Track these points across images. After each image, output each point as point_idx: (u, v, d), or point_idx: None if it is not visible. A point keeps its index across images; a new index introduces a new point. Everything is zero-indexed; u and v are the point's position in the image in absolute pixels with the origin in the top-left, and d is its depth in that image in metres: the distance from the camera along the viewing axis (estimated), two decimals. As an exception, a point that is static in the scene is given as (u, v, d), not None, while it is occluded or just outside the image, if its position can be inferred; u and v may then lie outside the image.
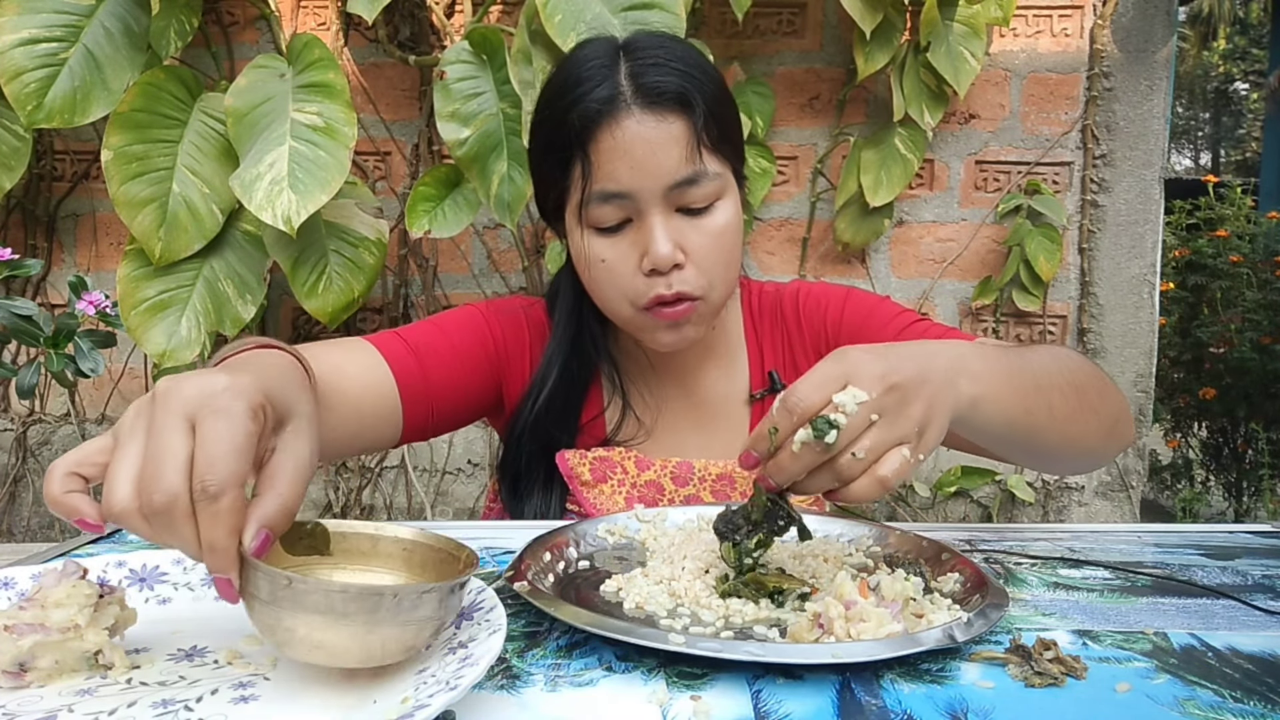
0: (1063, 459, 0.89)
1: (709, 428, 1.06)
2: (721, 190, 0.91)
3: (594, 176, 0.89)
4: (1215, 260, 3.40)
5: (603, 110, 0.88)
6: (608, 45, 0.93)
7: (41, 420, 2.22)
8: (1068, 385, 0.82)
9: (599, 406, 1.05)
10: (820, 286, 1.10)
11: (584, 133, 0.89)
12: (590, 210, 0.90)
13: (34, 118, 1.63)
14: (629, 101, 0.88)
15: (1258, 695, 0.53)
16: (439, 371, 0.98)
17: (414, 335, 1.00)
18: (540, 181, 0.98)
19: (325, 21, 2.10)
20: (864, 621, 0.60)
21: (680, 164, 0.88)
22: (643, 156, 0.87)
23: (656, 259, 0.88)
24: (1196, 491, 3.41)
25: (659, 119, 0.88)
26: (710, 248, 0.91)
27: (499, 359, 1.05)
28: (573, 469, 1.01)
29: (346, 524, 0.61)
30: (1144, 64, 2.07)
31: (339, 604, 0.48)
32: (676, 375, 1.06)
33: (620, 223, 0.91)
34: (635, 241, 0.90)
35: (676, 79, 0.89)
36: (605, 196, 0.89)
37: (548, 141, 0.94)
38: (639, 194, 0.88)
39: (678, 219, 0.90)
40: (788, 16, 2.10)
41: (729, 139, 0.93)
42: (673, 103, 0.88)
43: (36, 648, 0.54)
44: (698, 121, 0.89)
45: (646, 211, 0.89)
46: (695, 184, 0.89)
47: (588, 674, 0.56)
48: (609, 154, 0.88)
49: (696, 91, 0.89)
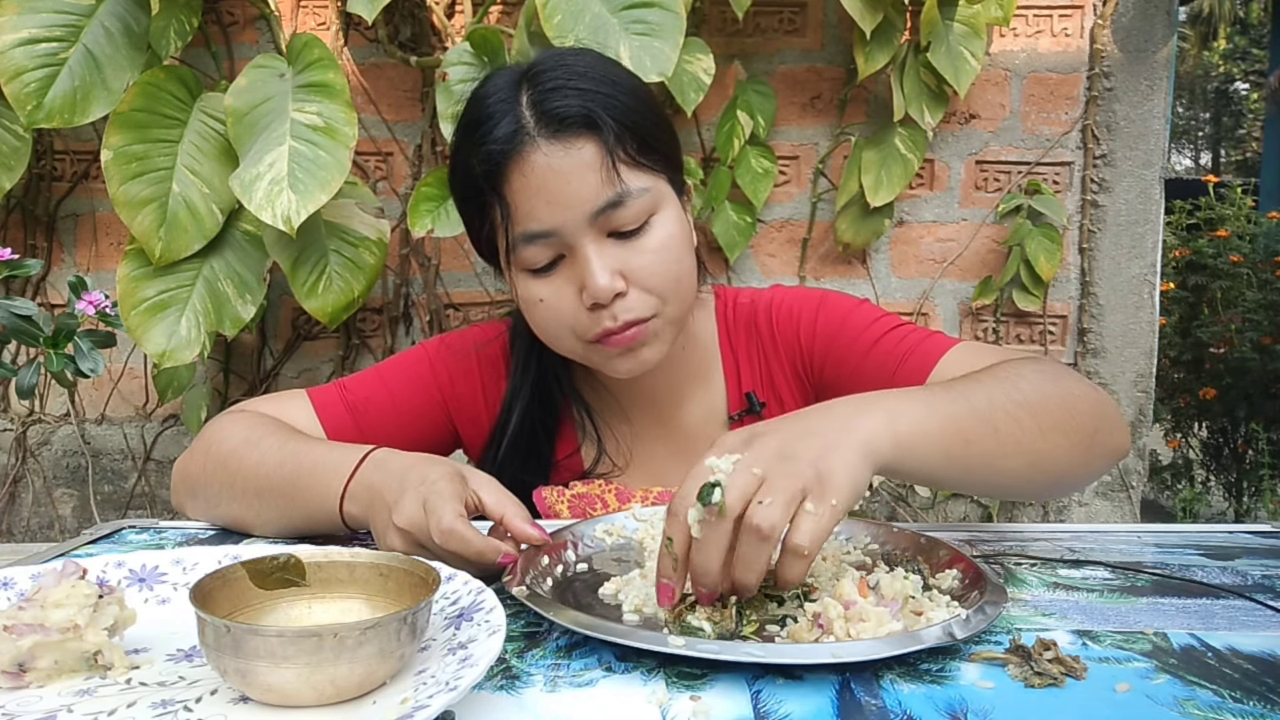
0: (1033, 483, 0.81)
1: (688, 453, 1.02)
2: (654, 205, 0.87)
3: (513, 219, 0.85)
4: (1215, 260, 3.40)
5: (507, 150, 0.84)
6: (511, 75, 0.88)
7: (41, 420, 2.22)
8: (1020, 408, 0.75)
9: (573, 444, 1.02)
10: (795, 294, 1.05)
11: (494, 176, 0.85)
12: (519, 253, 0.86)
13: (34, 118, 1.63)
14: (532, 134, 0.84)
15: (1257, 695, 0.53)
16: (377, 430, 0.97)
17: (355, 390, 0.99)
18: (470, 229, 0.94)
19: (325, 21, 2.10)
20: (863, 621, 0.60)
21: (599, 189, 0.84)
22: (557, 190, 0.83)
23: (596, 292, 0.84)
24: (1196, 492, 3.40)
25: (566, 146, 0.83)
26: (652, 268, 0.86)
27: (447, 406, 1.02)
28: (551, 507, 1.00)
29: (322, 552, 0.61)
30: (1144, 64, 2.07)
31: (277, 648, 0.49)
32: (649, 402, 1.03)
33: (552, 260, 0.87)
34: (570, 277, 0.86)
35: (578, 99, 0.84)
36: (529, 237, 0.85)
37: (462, 187, 0.91)
38: (563, 229, 0.84)
39: (611, 245, 0.86)
40: (788, 15, 2.10)
41: (653, 148, 0.88)
42: (578, 126, 0.84)
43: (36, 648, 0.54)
44: (608, 140, 0.84)
45: (576, 245, 0.85)
46: (621, 205, 0.84)
47: (587, 674, 0.56)
48: (523, 194, 0.84)
49: (601, 109, 0.84)
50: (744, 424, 1.01)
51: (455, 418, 1.03)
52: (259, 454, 0.85)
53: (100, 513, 2.19)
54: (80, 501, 2.22)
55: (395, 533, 0.72)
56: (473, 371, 1.03)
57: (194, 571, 0.67)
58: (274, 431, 0.89)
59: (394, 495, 0.73)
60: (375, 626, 0.50)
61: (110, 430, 2.21)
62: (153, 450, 2.21)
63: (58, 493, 2.23)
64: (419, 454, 0.80)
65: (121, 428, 2.21)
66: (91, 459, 2.20)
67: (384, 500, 0.74)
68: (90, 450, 2.21)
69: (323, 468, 0.81)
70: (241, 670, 0.50)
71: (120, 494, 2.22)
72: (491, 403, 1.03)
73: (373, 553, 0.61)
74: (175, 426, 2.20)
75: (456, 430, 1.04)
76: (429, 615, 0.55)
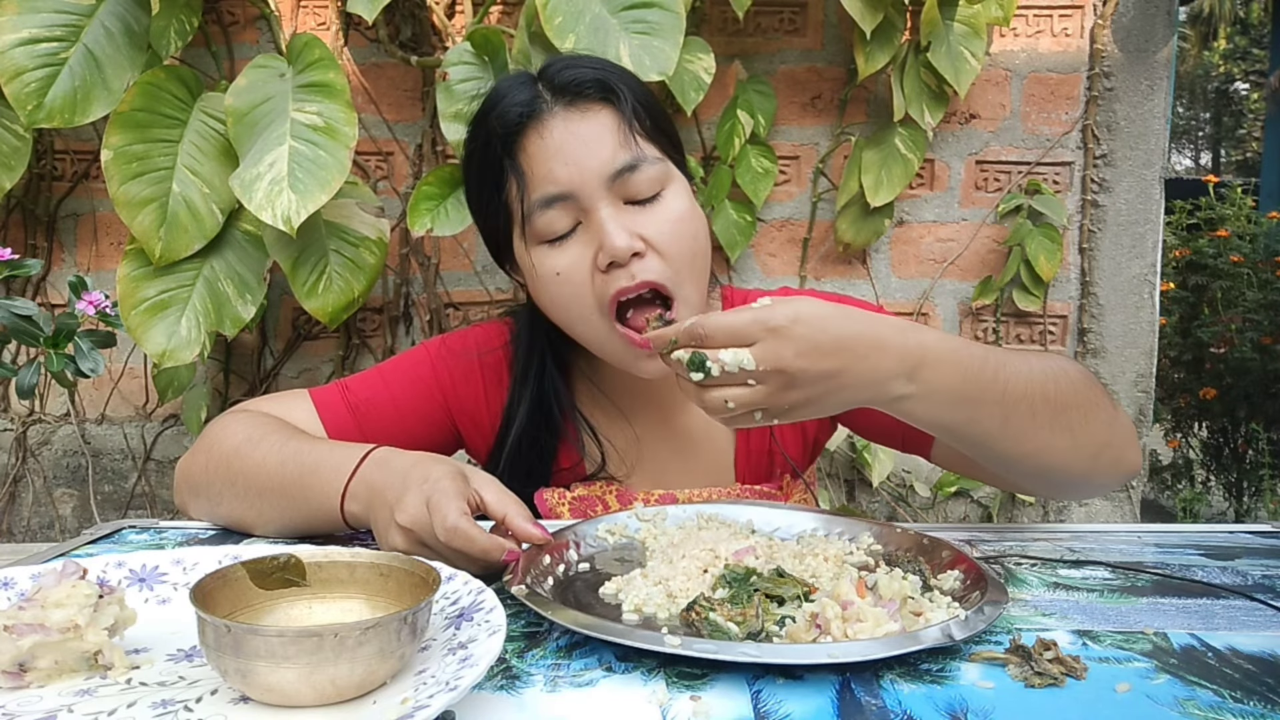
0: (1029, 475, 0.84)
1: (691, 456, 1.03)
2: (666, 177, 0.88)
3: (530, 184, 0.86)
4: (1216, 260, 3.40)
5: (525, 113, 0.86)
6: (524, 74, 0.92)
7: (41, 420, 2.22)
8: (1041, 399, 0.77)
9: (575, 456, 1.02)
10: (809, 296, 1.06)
11: (510, 141, 0.87)
12: (534, 222, 0.86)
13: (34, 117, 1.63)
14: (549, 102, 0.86)
15: (1258, 695, 0.53)
16: (378, 430, 0.97)
17: (357, 391, 0.99)
18: (483, 217, 0.95)
19: (325, 21, 2.10)
20: (861, 621, 0.60)
21: (616, 151, 0.85)
22: (576, 151, 0.84)
23: (613, 250, 0.83)
24: (1197, 491, 3.40)
25: (583, 112, 0.86)
26: (670, 234, 0.86)
27: (449, 407, 1.02)
28: (552, 508, 1.00)
29: (322, 552, 0.61)
30: (1144, 64, 2.07)
31: (278, 648, 0.49)
32: (653, 407, 1.03)
33: (568, 231, 0.87)
34: (587, 242, 0.86)
35: (593, 72, 0.88)
36: (547, 201, 0.86)
37: (479, 168, 0.91)
38: (580, 190, 0.85)
39: (628, 210, 0.86)
40: (789, 15, 2.10)
41: (664, 131, 0.91)
42: (594, 93, 0.87)
43: (36, 648, 0.54)
44: (625, 108, 0.86)
45: (592, 208, 0.85)
46: (636, 169, 0.85)
47: (587, 674, 0.56)
48: (540, 157, 0.85)
49: (618, 80, 0.88)
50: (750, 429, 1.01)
51: (457, 419, 1.03)
52: (261, 453, 0.86)
53: (100, 513, 2.19)
54: (80, 501, 2.22)
55: (397, 531, 0.72)
56: (474, 373, 1.03)
57: (194, 571, 0.67)
58: (276, 431, 0.89)
59: (396, 494, 0.73)
60: (375, 626, 0.50)
61: (110, 430, 2.21)
62: (153, 450, 2.21)
63: (58, 493, 2.23)
64: (420, 453, 0.80)
65: (121, 428, 2.21)
66: (91, 459, 2.20)
67: (385, 499, 0.74)
68: (90, 450, 2.21)
69: (324, 467, 0.81)
70: (242, 670, 0.50)
71: (120, 494, 2.22)
72: (493, 407, 1.02)
73: (373, 553, 0.61)
74: (175, 426, 2.20)
75: (458, 431, 1.04)
76: (429, 615, 0.55)
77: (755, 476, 1.04)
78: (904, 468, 2.18)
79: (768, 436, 1.03)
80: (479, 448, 1.05)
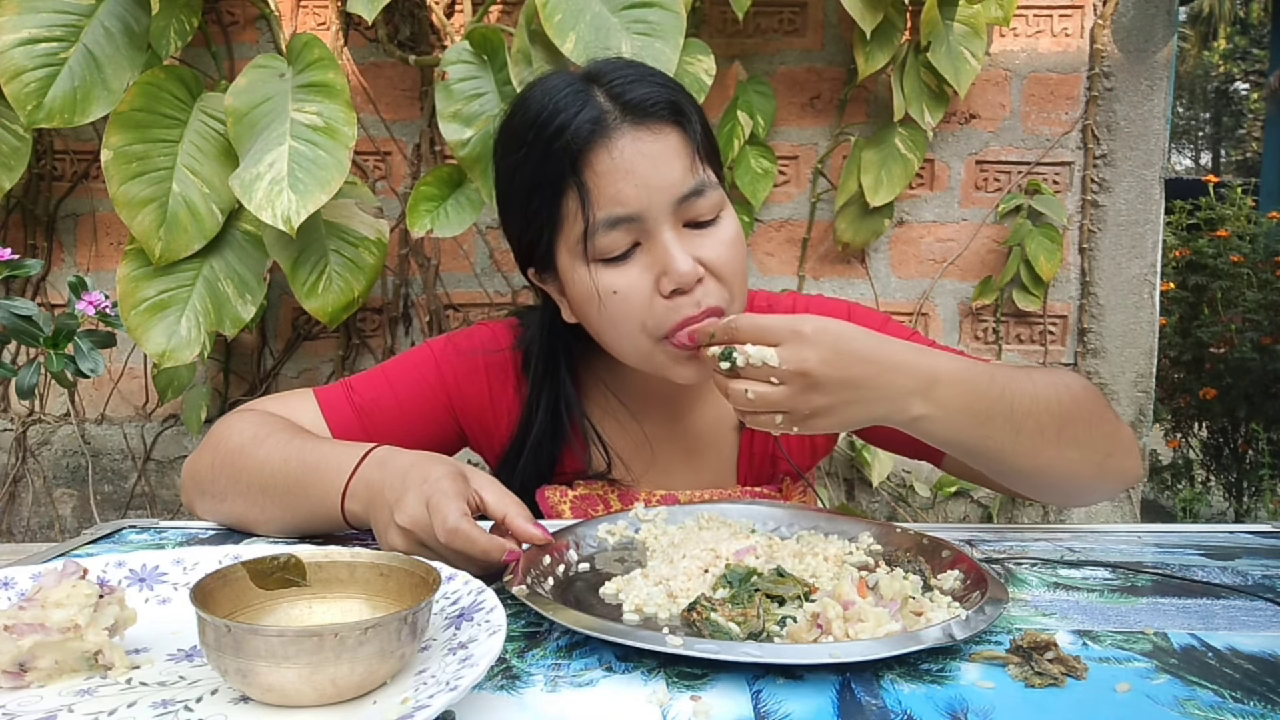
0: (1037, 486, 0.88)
1: (697, 458, 1.03)
2: (723, 201, 0.89)
3: (595, 203, 0.83)
4: (1216, 260, 3.40)
5: (594, 130, 0.83)
6: (570, 76, 0.89)
7: (41, 420, 2.22)
8: (1047, 414, 0.80)
9: (582, 461, 1.02)
10: (818, 302, 1.05)
11: (577, 159, 0.84)
12: (596, 240, 0.84)
13: (34, 117, 1.63)
14: (618, 119, 0.84)
15: (1258, 695, 0.53)
16: (383, 431, 0.97)
17: (361, 391, 0.99)
18: (525, 226, 0.91)
19: (325, 21, 2.10)
20: (862, 621, 0.60)
21: (684, 175, 0.84)
22: (646, 173, 0.83)
23: (679, 277, 0.83)
24: (1197, 491, 3.41)
25: (654, 133, 0.84)
26: (726, 258, 0.87)
27: (453, 408, 1.02)
28: (554, 507, 1.00)
29: (322, 552, 0.61)
30: (1144, 64, 2.07)
31: (278, 648, 0.49)
32: (661, 410, 1.03)
33: (627, 250, 0.85)
34: (648, 265, 0.85)
35: (663, 91, 0.86)
36: (613, 221, 0.84)
37: (533, 178, 0.88)
38: (647, 213, 0.84)
39: (689, 234, 0.86)
40: (788, 15, 2.10)
41: (716, 152, 0.92)
42: (665, 114, 0.85)
43: (36, 648, 0.54)
44: (693, 132, 0.86)
45: (656, 231, 0.84)
46: (701, 195, 0.85)
47: (588, 674, 0.56)
48: (608, 176, 0.83)
49: (687, 103, 0.87)
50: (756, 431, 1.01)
51: (462, 419, 1.03)
52: (264, 451, 0.86)
53: (100, 513, 2.19)
54: (80, 501, 2.22)
55: (397, 531, 0.72)
56: (479, 374, 1.02)
57: (194, 571, 0.67)
58: (280, 430, 0.89)
59: (396, 494, 0.73)
60: (376, 626, 0.50)
61: (110, 430, 2.21)
62: (153, 450, 2.21)
63: (58, 493, 2.23)
64: (420, 452, 0.80)
65: (121, 428, 2.21)
66: (91, 459, 2.20)
67: (385, 499, 0.74)
68: (90, 450, 2.21)
69: (325, 466, 0.81)
70: (242, 670, 0.50)
71: (120, 494, 2.22)
72: (499, 408, 1.02)
73: (373, 553, 0.61)
74: (175, 426, 2.20)
75: (463, 431, 1.04)
76: (429, 615, 0.55)
77: (757, 479, 1.05)
78: (904, 468, 2.18)
79: (771, 441, 1.03)
80: (484, 448, 1.05)
